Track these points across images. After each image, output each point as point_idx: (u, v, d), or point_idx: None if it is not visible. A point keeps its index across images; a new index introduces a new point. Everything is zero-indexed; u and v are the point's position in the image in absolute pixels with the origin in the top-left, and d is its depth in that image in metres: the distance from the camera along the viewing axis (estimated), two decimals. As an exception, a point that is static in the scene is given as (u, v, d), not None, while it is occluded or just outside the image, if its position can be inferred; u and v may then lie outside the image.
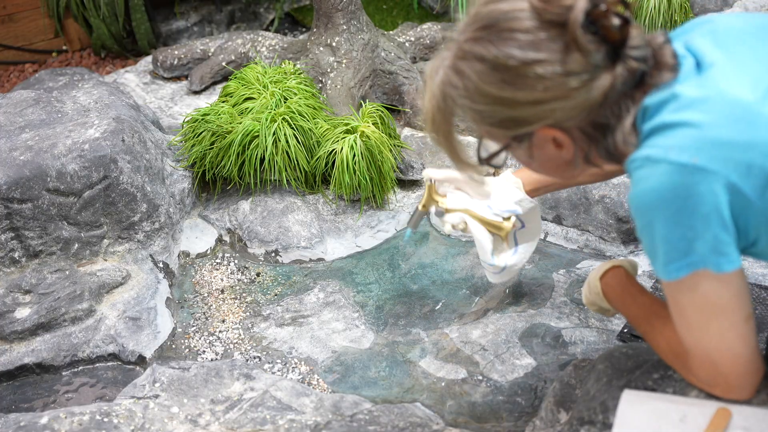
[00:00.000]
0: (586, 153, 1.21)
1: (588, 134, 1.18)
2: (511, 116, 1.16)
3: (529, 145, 1.22)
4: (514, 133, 1.19)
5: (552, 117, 1.14)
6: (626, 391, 1.34)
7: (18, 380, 2.02)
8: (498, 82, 1.13)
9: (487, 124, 1.20)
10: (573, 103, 1.12)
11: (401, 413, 1.72)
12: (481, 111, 1.17)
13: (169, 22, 3.64)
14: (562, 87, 1.11)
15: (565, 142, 1.18)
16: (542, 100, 1.12)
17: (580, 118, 1.15)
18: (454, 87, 1.18)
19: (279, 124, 2.41)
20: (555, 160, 1.24)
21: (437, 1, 3.65)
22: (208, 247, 2.44)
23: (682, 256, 1.13)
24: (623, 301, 1.49)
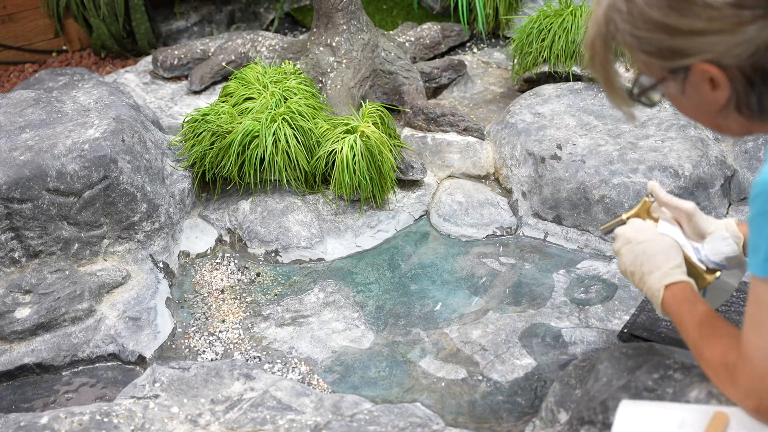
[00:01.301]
0: (740, 99, 1.13)
1: (748, 78, 1.11)
2: (671, 46, 1.11)
3: (684, 82, 1.16)
4: (672, 65, 1.13)
5: (713, 51, 1.08)
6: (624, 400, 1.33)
7: (18, 380, 2.02)
8: (663, 7, 1.09)
9: (645, 53, 1.15)
10: (738, 39, 1.07)
11: (401, 413, 1.72)
12: (641, 38, 1.13)
13: (169, 22, 3.64)
14: (729, 20, 1.06)
15: (722, 82, 1.11)
16: (705, 31, 1.07)
17: (743, 57, 1.08)
18: (619, 11, 1.14)
19: (279, 124, 2.41)
20: (708, 104, 1.17)
21: (437, 1, 3.65)
22: (208, 247, 2.44)
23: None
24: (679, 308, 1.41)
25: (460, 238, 2.45)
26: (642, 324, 1.93)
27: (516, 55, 2.95)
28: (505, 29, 3.41)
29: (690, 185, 2.29)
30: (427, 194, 2.59)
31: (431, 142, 2.72)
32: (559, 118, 2.59)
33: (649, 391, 1.36)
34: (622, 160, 2.35)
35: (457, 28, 3.35)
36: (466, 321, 2.13)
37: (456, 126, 2.74)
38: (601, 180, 2.33)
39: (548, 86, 2.79)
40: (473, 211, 2.49)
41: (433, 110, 2.77)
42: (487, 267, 2.32)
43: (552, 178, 2.41)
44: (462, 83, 3.14)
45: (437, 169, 2.68)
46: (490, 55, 3.35)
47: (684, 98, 1.19)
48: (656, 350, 1.48)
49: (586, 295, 2.17)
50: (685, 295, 1.43)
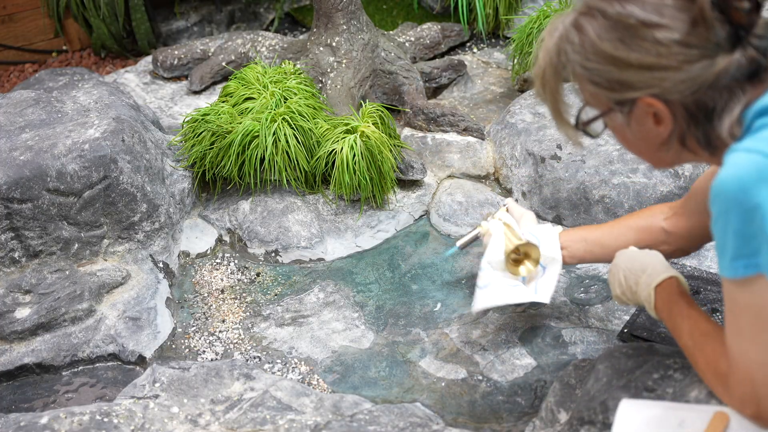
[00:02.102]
0: (683, 134, 1.19)
1: (691, 113, 1.16)
2: (620, 78, 1.16)
3: (629, 115, 1.20)
4: (619, 97, 1.18)
5: (659, 86, 1.13)
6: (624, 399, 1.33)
7: (18, 380, 2.02)
8: (614, 41, 1.14)
9: (594, 85, 1.20)
10: (683, 76, 1.11)
11: (401, 413, 1.72)
12: (591, 69, 1.18)
13: (169, 22, 3.64)
14: (676, 57, 1.11)
15: (666, 117, 1.17)
16: (653, 66, 1.12)
17: (687, 93, 1.13)
18: (570, 42, 1.19)
19: (279, 124, 2.41)
20: (651, 138, 1.22)
21: (437, 1, 3.65)
22: (208, 247, 2.44)
23: (753, 253, 1.09)
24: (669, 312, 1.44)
25: (460, 238, 2.45)
26: (642, 324, 1.93)
27: (516, 55, 2.95)
28: (505, 29, 3.41)
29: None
30: (427, 194, 2.59)
31: (431, 142, 2.72)
32: (559, 118, 2.59)
33: (649, 391, 1.36)
34: (622, 160, 2.35)
35: (457, 28, 3.35)
36: (466, 321, 2.13)
37: (456, 126, 2.74)
38: (601, 180, 2.33)
39: (548, 86, 2.79)
40: (473, 211, 2.49)
41: (433, 110, 2.77)
42: (487, 267, 2.32)
43: (552, 178, 2.41)
44: (462, 83, 3.14)
45: (437, 169, 2.68)
46: (490, 55, 3.35)
47: (628, 131, 1.24)
48: (656, 350, 1.48)
49: (586, 295, 2.17)
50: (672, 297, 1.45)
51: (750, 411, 1.18)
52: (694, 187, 1.65)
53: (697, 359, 1.30)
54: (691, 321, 1.36)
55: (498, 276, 1.89)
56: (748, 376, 1.16)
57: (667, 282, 1.48)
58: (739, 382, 1.18)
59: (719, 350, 1.24)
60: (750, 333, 1.14)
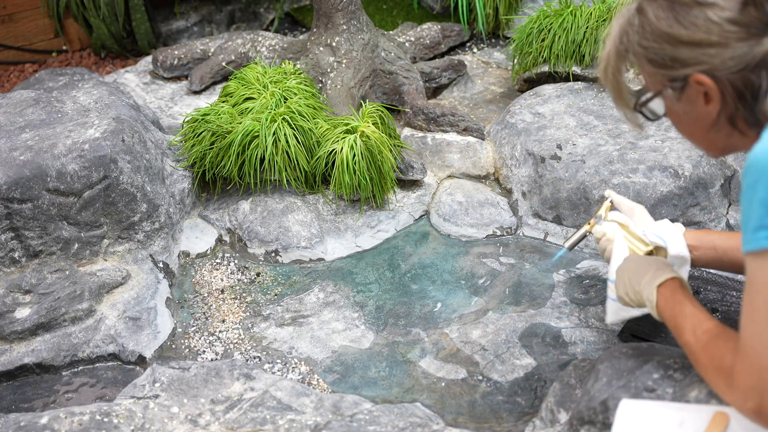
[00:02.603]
0: (732, 114, 1.24)
1: (738, 92, 1.21)
2: (673, 55, 1.23)
3: (681, 94, 1.27)
4: (672, 74, 1.25)
5: (708, 63, 1.20)
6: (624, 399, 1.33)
7: (18, 380, 2.02)
8: (669, 19, 1.22)
9: (650, 62, 1.28)
10: (732, 53, 1.18)
11: (401, 413, 1.72)
12: (648, 47, 1.26)
13: (169, 22, 3.64)
14: (725, 34, 1.18)
15: (715, 95, 1.22)
16: (703, 43, 1.20)
17: (734, 71, 1.19)
18: (632, 24, 1.28)
19: (279, 124, 2.41)
20: (701, 118, 1.28)
21: (437, 1, 3.65)
22: (208, 247, 2.44)
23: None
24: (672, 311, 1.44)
25: (460, 238, 2.45)
26: (642, 324, 1.92)
27: (516, 55, 2.95)
28: (505, 29, 3.41)
29: (690, 185, 2.29)
30: (427, 194, 2.59)
31: (431, 142, 2.72)
32: (559, 118, 2.59)
33: (649, 391, 1.36)
34: (622, 160, 2.35)
35: (457, 28, 3.35)
36: (466, 321, 2.13)
37: (456, 126, 2.74)
38: (601, 180, 2.33)
39: (548, 86, 2.79)
40: (473, 211, 2.49)
41: (433, 110, 2.77)
42: (487, 267, 2.32)
43: (552, 178, 2.41)
44: (462, 83, 3.14)
45: (437, 169, 2.68)
46: (490, 55, 3.35)
47: (681, 112, 1.31)
48: (656, 350, 1.48)
49: (586, 295, 2.17)
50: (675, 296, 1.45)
51: (752, 404, 1.16)
52: None
53: (699, 356, 1.30)
54: (694, 319, 1.35)
55: None
56: (756, 364, 1.15)
57: (669, 282, 1.48)
58: (746, 370, 1.16)
59: (723, 346, 1.24)
60: (765, 313, 1.14)
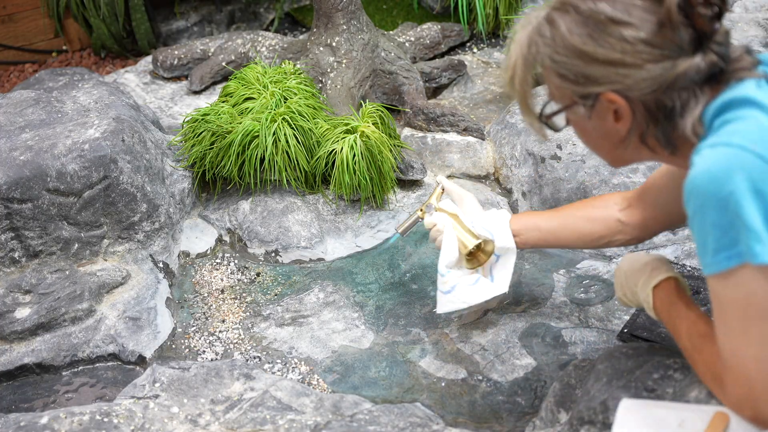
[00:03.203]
0: (643, 132, 1.24)
1: (650, 112, 1.21)
2: (585, 72, 1.21)
3: (591, 110, 1.25)
4: (583, 91, 1.23)
5: (622, 83, 1.19)
6: (624, 399, 1.33)
7: (18, 380, 2.02)
8: (584, 35, 1.19)
9: (560, 77, 1.25)
10: (645, 74, 1.17)
11: (401, 413, 1.72)
12: (559, 62, 1.23)
13: (169, 22, 3.64)
14: (640, 55, 1.16)
15: (626, 114, 1.21)
16: (617, 62, 1.18)
17: (647, 92, 1.18)
18: (542, 36, 1.25)
19: (279, 124, 2.41)
20: (610, 134, 1.27)
21: (437, 1, 3.65)
22: (208, 247, 2.44)
23: (733, 243, 1.10)
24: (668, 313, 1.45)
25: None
26: (642, 324, 1.93)
27: (516, 55, 2.94)
28: (505, 29, 3.41)
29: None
30: (427, 194, 2.59)
31: (431, 142, 2.72)
32: (559, 118, 2.59)
33: (649, 391, 1.36)
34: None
35: (457, 28, 3.35)
36: (466, 321, 2.13)
37: (456, 126, 2.74)
38: (601, 180, 2.33)
39: (548, 86, 2.79)
40: (473, 211, 2.49)
41: (433, 110, 2.77)
42: (487, 267, 2.32)
43: (552, 178, 2.41)
44: (462, 83, 3.14)
45: (437, 169, 2.68)
46: (490, 55, 3.35)
47: (589, 125, 1.29)
48: (656, 350, 1.48)
49: (586, 295, 2.17)
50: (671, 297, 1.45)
51: (748, 413, 1.18)
52: (649, 181, 1.70)
53: (695, 361, 1.31)
54: (689, 322, 1.36)
55: (457, 275, 1.90)
56: (743, 376, 1.16)
57: (665, 283, 1.49)
58: (735, 384, 1.18)
59: (716, 352, 1.24)
60: (739, 328, 1.14)
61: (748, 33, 2.96)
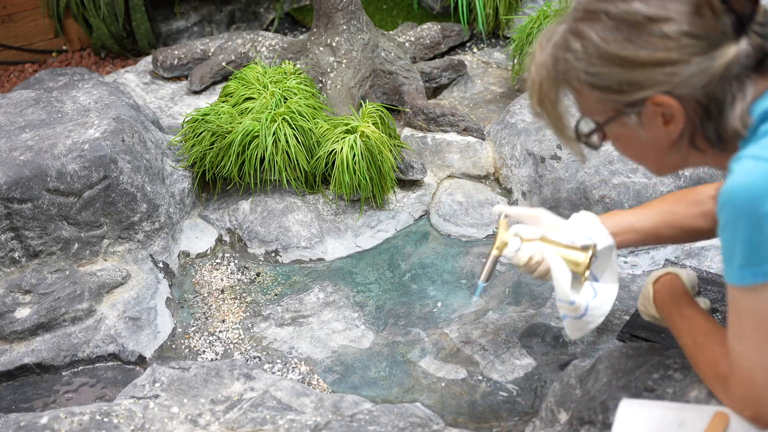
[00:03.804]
0: (693, 133, 1.17)
1: (704, 107, 1.14)
2: (629, 79, 1.13)
3: (637, 119, 1.17)
4: (629, 98, 1.15)
5: (670, 82, 1.11)
6: (624, 399, 1.33)
7: (18, 380, 2.02)
8: (621, 41, 1.11)
9: (600, 90, 1.16)
10: (694, 69, 1.10)
11: (401, 413, 1.72)
12: (597, 74, 1.15)
13: (169, 22, 3.64)
14: (685, 50, 1.09)
15: (677, 114, 1.14)
16: (663, 62, 1.10)
17: (697, 87, 1.11)
18: (571, 50, 1.16)
19: (279, 124, 2.41)
20: (659, 141, 1.19)
21: (437, 1, 3.65)
22: (208, 247, 2.44)
23: (762, 262, 1.08)
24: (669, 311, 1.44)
25: (460, 238, 2.45)
26: (642, 324, 1.93)
27: (516, 55, 2.95)
28: (505, 29, 3.40)
29: (690, 185, 2.29)
30: (427, 194, 2.59)
31: (431, 142, 2.72)
32: (559, 118, 2.59)
33: (649, 391, 1.36)
34: (622, 160, 2.35)
35: (457, 28, 3.35)
36: (466, 321, 2.13)
37: (456, 126, 2.74)
38: (602, 180, 2.33)
39: (548, 86, 2.79)
40: (473, 211, 2.49)
41: (433, 110, 2.77)
42: (487, 267, 2.32)
43: (552, 178, 2.41)
44: (462, 83, 3.14)
45: (437, 169, 2.68)
46: (490, 55, 3.35)
47: (636, 136, 1.21)
48: (656, 350, 1.48)
49: (586, 295, 2.17)
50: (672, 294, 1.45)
51: (749, 413, 1.18)
52: None
53: (697, 360, 1.31)
54: (690, 321, 1.36)
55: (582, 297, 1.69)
56: (749, 378, 1.16)
57: (666, 278, 1.48)
58: (740, 384, 1.18)
59: (719, 351, 1.24)
60: (753, 337, 1.14)
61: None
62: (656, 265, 2.22)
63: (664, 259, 2.19)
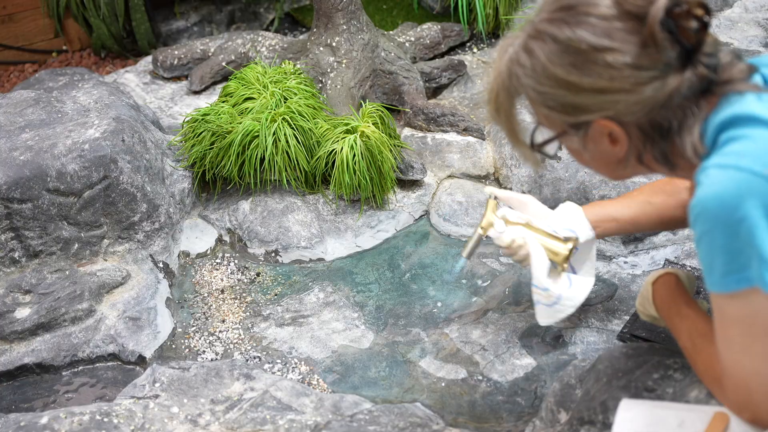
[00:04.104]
0: (639, 153, 1.19)
1: (646, 133, 1.16)
2: (573, 102, 1.15)
3: (585, 136, 1.20)
4: (574, 120, 1.18)
5: (613, 109, 1.14)
6: (624, 399, 1.33)
7: (18, 380, 2.02)
8: (566, 65, 1.13)
9: (548, 108, 1.19)
10: (636, 98, 1.12)
11: (401, 413, 1.72)
12: (544, 93, 1.17)
13: (169, 22, 3.64)
14: (628, 80, 1.11)
15: (621, 138, 1.17)
16: (606, 90, 1.12)
17: (640, 114, 1.13)
18: (522, 66, 1.18)
19: (279, 124, 2.41)
20: (607, 156, 1.22)
21: (437, 1, 3.65)
22: (208, 247, 2.44)
23: (743, 268, 1.08)
24: (668, 311, 1.45)
25: (460, 238, 2.45)
26: (642, 324, 1.93)
27: (516, 55, 2.94)
28: (505, 29, 3.40)
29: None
30: (427, 194, 2.59)
31: (431, 142, 2.72)
32: (559, 118, 2.59)
33: (649, 391, 1.36)
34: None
35: (457, 28, 3.35)
36: (466, 321, 2.13)
37: (456, 126, 2.74)
38: (601, 180, 2.33)
39: (548, 86, 2.79)
40: (473, 211, 2.49)
41: (433, 110, 2.77)
42: (487, 267, 2.32)
43: (552, 178, 2.41)
44: (462, 83, 3.14)
45: (437, 169, 2.68)
46: (490, 55, 3.35)
47: (584, 152, 1.24)
48: (656, 350, 1.48)
49: (586, 295, 2.17)
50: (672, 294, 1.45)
51: (747, 416, 1.19)
52: None
53: (695, 361, 1.31)
54: (689, 321, 1.36)
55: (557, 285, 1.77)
56: (742, 386, 1.16)
57: (665, 278, 1.49)
58: (735, 389, 1.19)
59: (716, 353, 1.24)
60: (742, 344, 1.14)
61: (748, 33, 2.96)
62: (656, 265, 2.22)
63: (664, 259, 2.19)
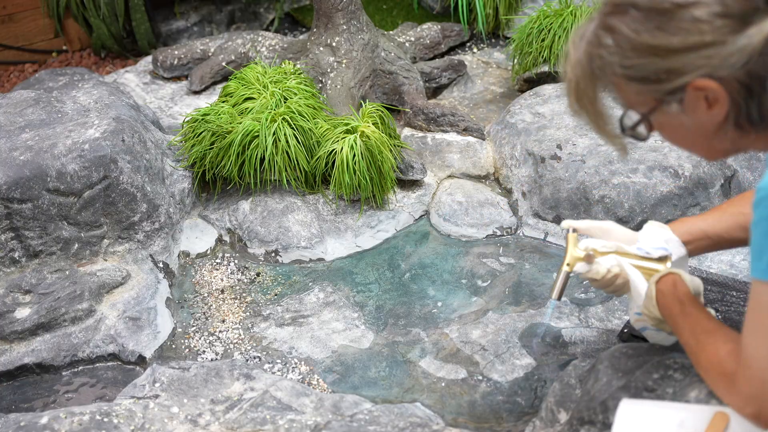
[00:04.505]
0: (738, 113, 1.14)
1: (745, 86, 1.11)
2: (666, 67, 1.12)
3: (680, 106, 1.16)
4: (669, 86, 1.14)
5: (708, 65, 1.09)
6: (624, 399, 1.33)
7: (18, 380, 2.02)
8: (652, 30, 1.10)
9: (638, 81, 1.15)
10: (731, 48, 1.08)
11: (401, 413, 1.72)
12: (633, 66, 1.14)
13: (169, 22, 3.64)
14: (720, 30, 1.07)
15: (720, 96, 1.12)
16: (698, 45, 1.08)
17: (737, 66, 1.09)
18: (604, 46, 1.15)
19: (279, 124, 2.41)
20: (705, 125, 1.17)
21: (437, 1, 3.65)
22: (208, 247, 2.44)
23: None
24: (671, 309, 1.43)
25: (460, 238, 2.45)
26: (642, 324, 1.92)
27: (516, 55, 2.95)
28: (505, 29, 3.40)
29: (690, 185, 2.29)
30: (427, 194, 2.59)
31: (431, 142, 2.72)
32: (559, 118, 2.59)
33: (649, 391, 1.36)
34: (621, 160, 2.35)
35: (457, 28, 3.35)
36: (466, 321, 2.13)
37: (456, 126, 2.74)
38: (601, 180, 2.33)
39: (548, 86, 2.79)
40: (473, 211, 2.49)
41: (433, 110, 2.77)
42: (487, 267, 2.32)
43: (552, 178, 2.41)
44: (462, 83, 3.14)
45: (437, 169, 2.68)
46: (490, 55, 3.35)
47: (681, 123, 1.19)
48: (656, 350, 1.48)
49: (586, 295, 2.17)
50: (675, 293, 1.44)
51: (752, 410, 1.17)
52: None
53: (699, 358, 1.30)
54: (692, 319, 1.35)
55: None
56: (758, 377, 1.15)
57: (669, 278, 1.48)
58: (748, 380, 1.17)
59: (723, 349, 1.24)
60: None
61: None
62: (656, 265, 2.21)
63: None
